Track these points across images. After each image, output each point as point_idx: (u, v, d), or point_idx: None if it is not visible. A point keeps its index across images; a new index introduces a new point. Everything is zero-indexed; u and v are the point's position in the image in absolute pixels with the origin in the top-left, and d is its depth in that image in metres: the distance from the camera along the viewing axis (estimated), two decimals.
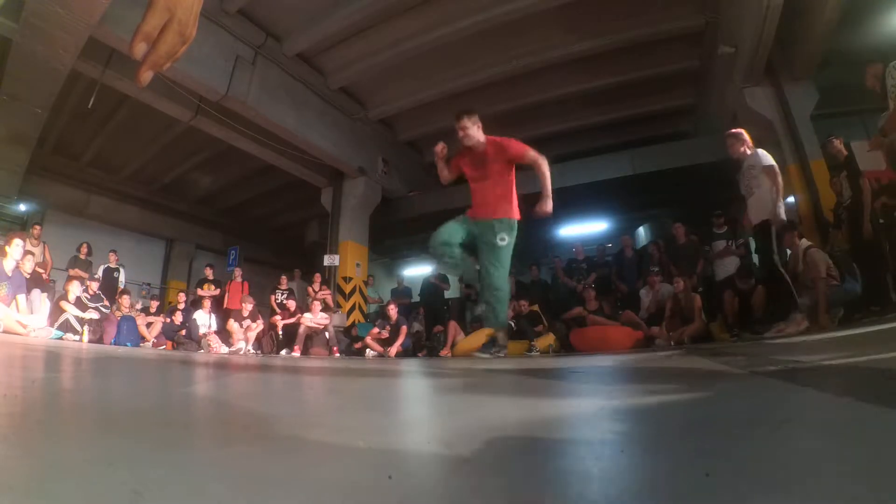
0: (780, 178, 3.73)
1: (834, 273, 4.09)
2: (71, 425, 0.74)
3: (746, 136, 4.06)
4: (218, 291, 8.02)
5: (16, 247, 5.22)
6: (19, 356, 2.25)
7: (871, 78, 3.63)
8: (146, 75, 0.66)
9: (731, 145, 4.08)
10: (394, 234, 10.66)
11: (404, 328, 6.37)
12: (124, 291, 6.93)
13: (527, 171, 3.34)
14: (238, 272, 8.40)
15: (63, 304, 5.80)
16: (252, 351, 6.79)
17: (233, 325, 6.78)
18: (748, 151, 3.98)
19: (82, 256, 7.26)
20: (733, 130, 4.18)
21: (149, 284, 8.64)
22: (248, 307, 7.14)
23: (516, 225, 3.23)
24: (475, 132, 3.23)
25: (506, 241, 3.16)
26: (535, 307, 6.56)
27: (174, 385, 1.50)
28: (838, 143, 4.69)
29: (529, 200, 3.31)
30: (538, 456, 0.57)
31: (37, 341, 4.23)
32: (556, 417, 0.93)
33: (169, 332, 6.77)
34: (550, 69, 7.38)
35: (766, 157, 3.82)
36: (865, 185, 4.17)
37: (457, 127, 3.23)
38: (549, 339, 5.89)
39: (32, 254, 5.74)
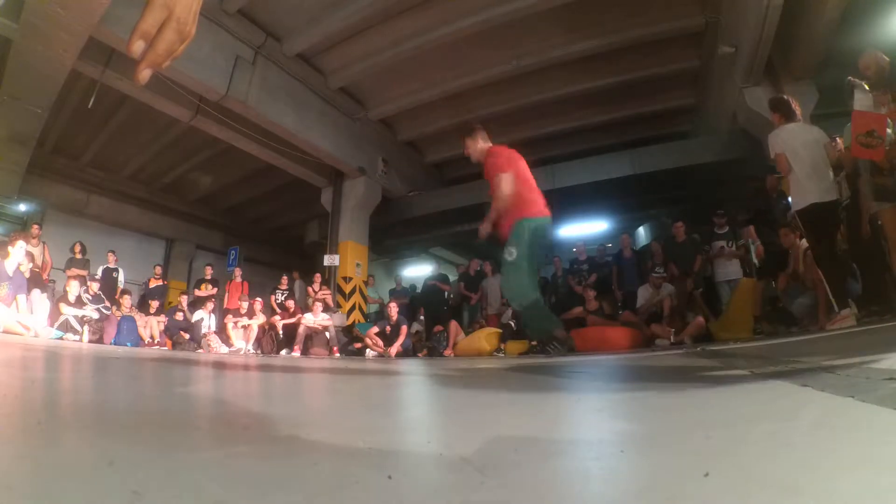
0: None
1: None
2: (71, 425, 0.74)
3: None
4: (215, 291, 8.01)
5: (18, 248, 5.22)
6: (19, 356, 2.25)
7: (868, 58, 3.60)
8: (145, 73, 0.66)
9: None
10: (394, 234, 10.65)
11: (404, 328, 6.36)
12: (124, 291, 6.94)
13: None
14: (238, 272, 8.41)
15: (62, 305, 5.81)
16: (252, 351, 6.79)
17: (230, 329, 6.78)
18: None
19: (77, 255, 7.26)
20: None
21: (146, 283, 8.64)
22: (244, 305, 7.13)
23: (524, 224, 3.00)
24: (475, 149, 3.12)
25: (513, 255, 2.98)
26: None
27: (174, 385, 1.50)
28: (840, 143, 4.67)
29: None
30: (538, 456, 0.57)
31: (37, 341, 4.23)
32: (556, 417, 0.93)
33: (169, 332, 6.78)
34: (550, 69, 7.37)
35: None
36: (863, 185, 4.15)
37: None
38: None
39: (32, 254, 5.74)
